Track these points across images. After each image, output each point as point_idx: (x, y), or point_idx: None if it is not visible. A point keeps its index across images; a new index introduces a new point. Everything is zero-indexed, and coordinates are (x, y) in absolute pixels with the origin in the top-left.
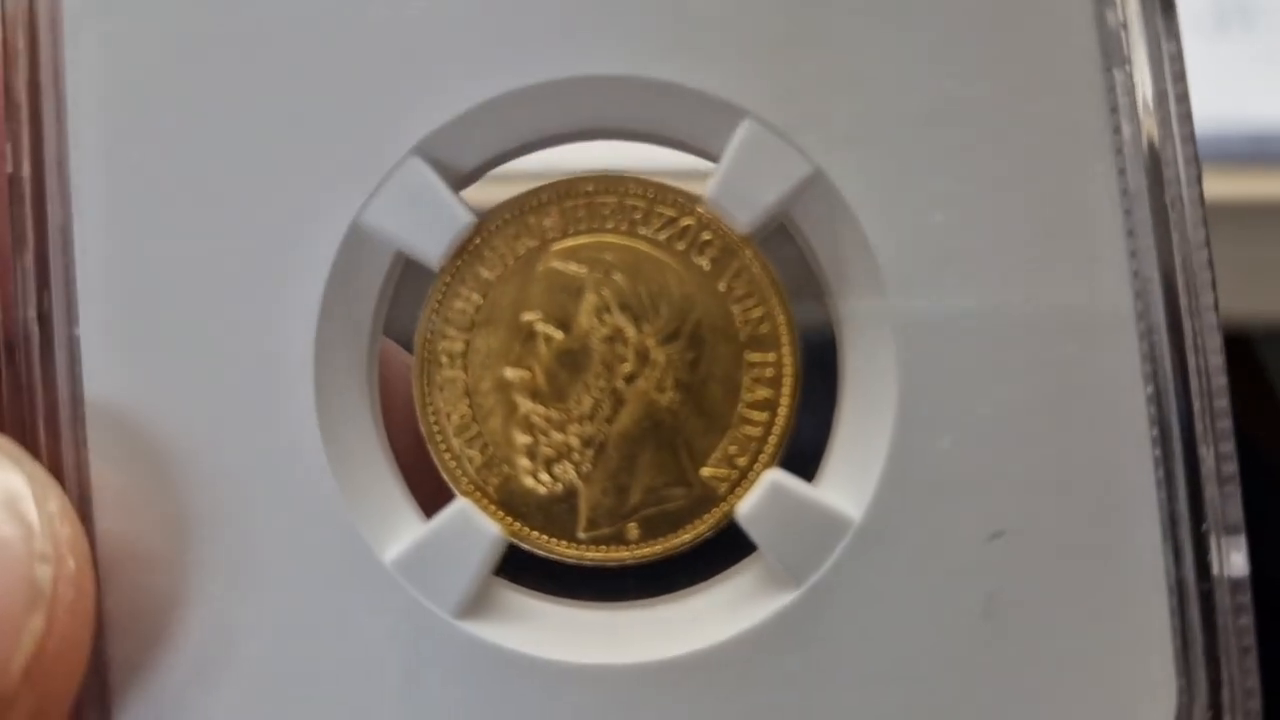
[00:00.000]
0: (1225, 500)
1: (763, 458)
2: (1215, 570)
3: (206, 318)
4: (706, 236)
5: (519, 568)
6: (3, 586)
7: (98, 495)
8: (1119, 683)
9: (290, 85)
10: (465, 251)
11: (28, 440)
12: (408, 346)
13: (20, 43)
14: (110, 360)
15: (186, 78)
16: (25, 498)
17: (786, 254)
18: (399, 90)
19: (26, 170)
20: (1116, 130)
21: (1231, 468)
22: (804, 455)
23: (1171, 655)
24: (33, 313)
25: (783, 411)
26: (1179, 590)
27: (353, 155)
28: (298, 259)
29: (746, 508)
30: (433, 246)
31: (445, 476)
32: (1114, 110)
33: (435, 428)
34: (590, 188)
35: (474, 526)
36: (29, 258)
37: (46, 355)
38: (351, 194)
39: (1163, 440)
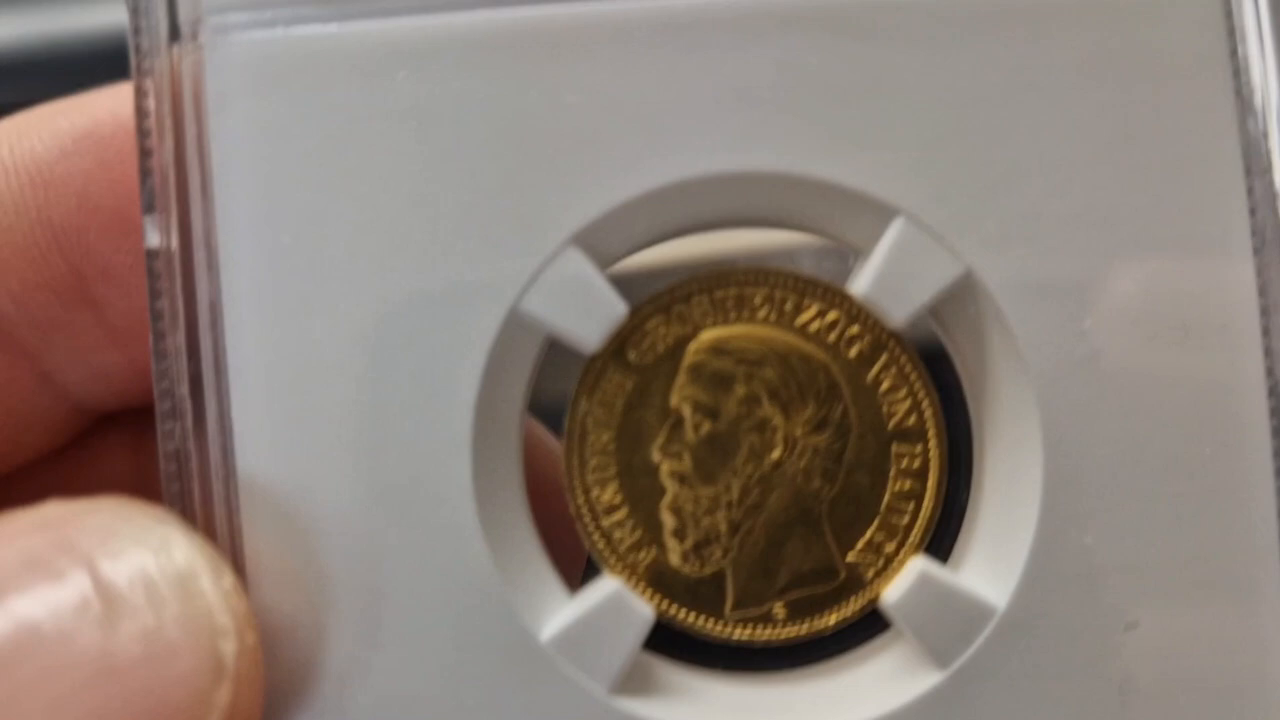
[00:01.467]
0: None
1: (908, 545)
2: None
3: (362, 394)
4: (855, 330)
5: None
6: (192, 661)
7: (251, 569)
8: None
9: (448, 170)
10: (618, 338)
11: (186, 515)
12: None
13: (166, 118)
14: (264, 435)
15: (342, 158)
16: (204, 574)
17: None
18: (557, 181)
19: (175, 244)
20: (1256, 234)
21: None
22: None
23: None
24: (185, 389)
25: (928, 502)
26: None
27: (512, 243)
28: (456, 341)
29: (894, 595)
30: (588, 334)
31: (593, 555)
32: (1253, 213)
33: (584, 507)
34: (740, 279)
35: (628, 607)
36: (180, 335)
37: (199, 430)
38: (510, 280)
39: None
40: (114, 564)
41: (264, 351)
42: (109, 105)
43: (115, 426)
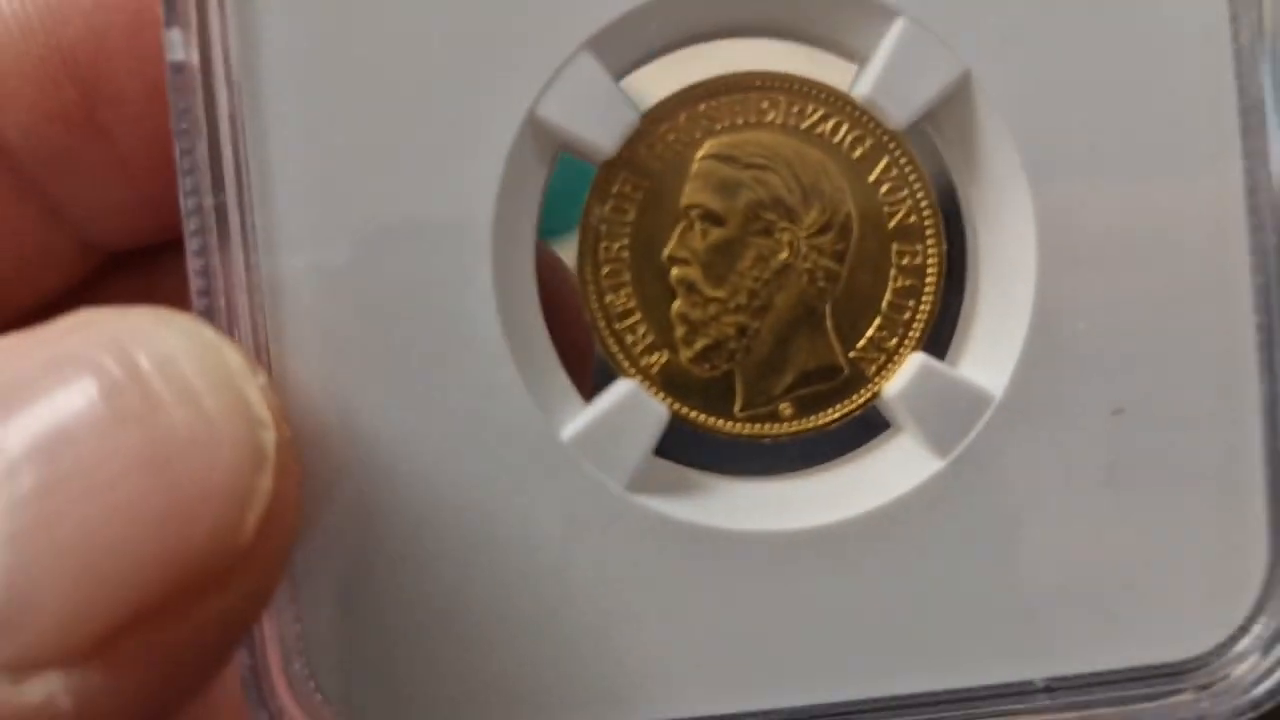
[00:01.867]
0: None
1: (909, 341)
2: None
3: (385, 200)
4: (858, 132)
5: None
6: (235, 451)
7: (279, 376)
8: (1220, 540)
9: None
10: (630, 144)
11: (215, 326)
12: None
13: None
14: (291, 244)
15: None
16: (243, 372)
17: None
18: None
19: (196, 59)
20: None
21: None
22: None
23: (1265, 517)
24: (210, 201)
25: (928, 297)
26: (1273, 461)
27: (528, 49)
28: (477, 146)
29: (896, 388)
30: (601, 139)
31: (608, 359)
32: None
33: (599, 312)
34: (749, 84)
35: (643, 406)
36: (202, 146)
37: (224, 242)
38: (526, 86)
39: (1268, 328)
40: (154, 360)
41: (289, 160)
42: None
43: (127, 267)
